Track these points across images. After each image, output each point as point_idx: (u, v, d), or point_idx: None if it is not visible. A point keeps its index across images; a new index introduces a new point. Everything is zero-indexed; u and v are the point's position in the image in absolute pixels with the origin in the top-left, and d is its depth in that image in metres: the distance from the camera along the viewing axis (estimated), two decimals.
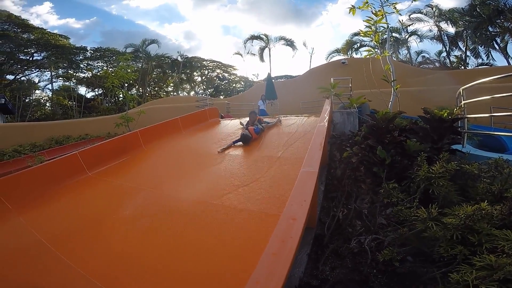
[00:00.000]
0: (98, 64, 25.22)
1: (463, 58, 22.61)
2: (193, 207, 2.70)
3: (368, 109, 5.86)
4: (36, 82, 23.14)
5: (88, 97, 25.17)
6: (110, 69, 23.37)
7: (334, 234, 2.27)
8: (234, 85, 35.31)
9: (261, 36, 24.41)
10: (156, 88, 30.06)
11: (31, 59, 21.55)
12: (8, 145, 7.61)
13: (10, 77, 21.00)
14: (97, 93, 25.79)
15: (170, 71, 28.86)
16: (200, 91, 31.97)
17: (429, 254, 2.07)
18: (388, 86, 5.21)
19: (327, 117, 3.94)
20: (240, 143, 4.67)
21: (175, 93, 29.78)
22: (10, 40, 19.36)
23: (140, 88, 25.54)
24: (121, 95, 24.06)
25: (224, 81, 34.65)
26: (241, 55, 27.11)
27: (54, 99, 20.82)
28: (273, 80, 12.85)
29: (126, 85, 20.28)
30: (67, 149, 6.79)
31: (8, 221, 3.04)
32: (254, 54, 26.15)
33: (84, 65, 24.22)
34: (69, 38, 23.82)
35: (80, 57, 23.86)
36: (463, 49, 22.33)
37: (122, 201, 3.15)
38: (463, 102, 3.84)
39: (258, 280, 1.21)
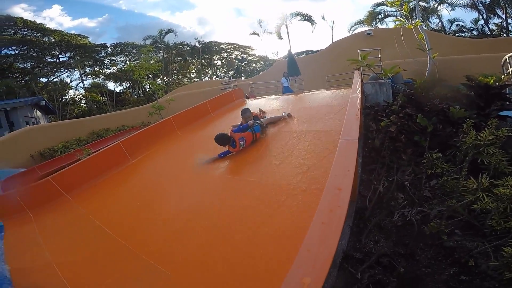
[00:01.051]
0: (121, 58, 26.23)
1: (505, 25, 19.91)
2: (232, 183, 2.81)
3: (402, 79, 5.52)
4: (68, 82, 24.77)
5: (117, 91, 26.45)
6: (133, 62, 24.22)
7: (375, 208, 2.24)
8: (254, 65, 34.90)
9: (275, 14, 23.43)
10: (179, 76, 30.70)
11: (57, 60, 22.98)
12: (57, 142, 8.43)
13: (44, 79, 22.71)
14: (124, 86, 27.00)
15: (190, 58, 29.21)
16: (221, 75, 32.11)
17: (479, 227, 1.98)
18: (421, 55, 4.86)
19: (359, 88, 3.76)
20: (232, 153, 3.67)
21: (197, 79, 30.22)
22: (33, 44, 20.66)
23: (165, 78, 26.22)
24: (147, 86, 25.08)
25: (244, 62, 34.36)
26: (257, 34, 26.34)
27: (87, 96, 22.25)
28: (294, 57, 12.41)
29: (150, 76, 20.92)
30: (108, 140, 7.34)
31: (70, 211, 3.43)
32: (271, 33, 25.24)
33: (107, 61, 25.31)
34: (87, 37, 24.93)
35: (103, 54, 24.91)
36: (503, 16, 19.65)
37: (168, 183, 3.37)
38: (510, 69, 3.51)
39: (309, 248, 1.25)
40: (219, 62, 33.40)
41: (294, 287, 1.10)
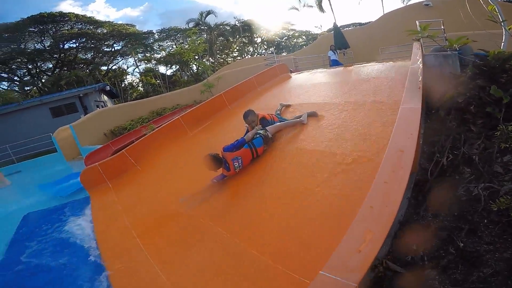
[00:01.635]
0: (167, 43, 27.84)
1: None
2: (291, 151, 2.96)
3: (472, 50, 4.89)
4: (126, 68, 27.29)
5: (168, 74, 28.27)
6: (178, 46, 25.60)
7: (437, 181, 2.16)
8: (295, 40, 33.62)
9: None
10: (222, 56, 31.30)
11: (113, 49, 25.33)
12: (123, 121, 9.66)
13: (104, 68, 25.35)
14: (174, 69, 28.69)
15: (231, 38, 29.45)
16: (262, 52, 31.75)
17: None
18: (493, 28, 4.22)
19: (420, 59, 3.48)
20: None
21: (239, 58, 30.44)
22: (89, 36, 23.05)
23: (210, 58, 27.02)
24: (194, 67, 26.48)
25: (284, 38, 33.32)
26: (297, 9, 24.84)
27: (143, 80, 24.35)
28: (340, 29, 11.65)
29: (196, 57, 21.80)
30: (167, 117, 8.13)
31: (140, 180, 4.02)
32: (311, 6, 23.50)
33: (156, 46, 27.09)
34: (134, 26, 27.01)
35: (151, 40, 26.71)
36: None
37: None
38: None
39: (372, 205, 1.34)
40: (259, 39, 32.93)
41: (356, 241, 1.22)
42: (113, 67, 26.21)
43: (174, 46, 27.15)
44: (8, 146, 10.69)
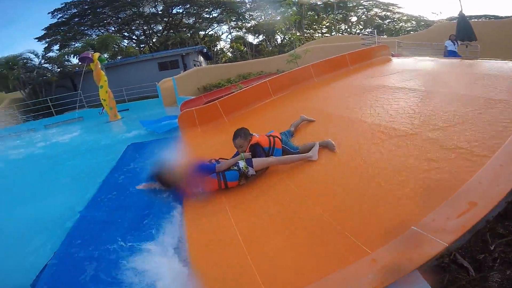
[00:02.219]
0: (257, 13, 28.37)
1: None
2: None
3: None
4: (220, 34, 29.32)
5: (255, 43, 29.20)
6: (267, 17, 26.04)
7: None
8: (401, 24, 29.16)
9: None
10: (310, 30, 30.03)
11: (211, 16, 27.31)
12: (214, 80, 10.74)
13: (201, 33, 27.81)
14: (260, 39, 29.38)
15: (323, 14, 27.86)
16: (356, 31, 28.92)
17: None
18: None
19: None
20: None
21: (327, 34, 28.76)
22: (193, 3, 25.23)
23: (297, 31, 26.43)
24: (279, 39, 26.71)
25: (387, 20, 29.24)
26: None
27: (233, 46, 25.87)
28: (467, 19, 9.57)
29: (283, 29, 21.68)
30: (252, 81, 8.64)
31: (225, 130, 4.44)
32: None
33: (247, 16, 28.02)
34: None
35: (243, 9, 27.60)
36: None
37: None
38: None
39: (481, 181, 1.22)
40: (354, 18, 29.96)
41: (456, 208, 1.15)
42: (210, 33, 28.57)
43: (263, 17, 27.57)
44: (124, 88, 13.37)
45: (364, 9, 29.31)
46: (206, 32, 28.10)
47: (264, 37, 27.43)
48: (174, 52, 17.68)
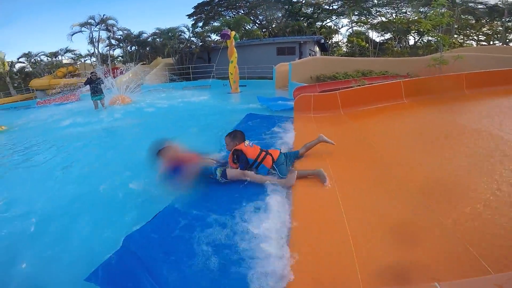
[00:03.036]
0: (386, 10, 25.09)
1: None
2: None
3: None
4: (340, 27, 27.87)
5: (377, 41, 26.39)
6: (399, 15, 23.22)
7: None
8: None
9: None
10: (460, 36, 24.40)
11: (331, 8, 25.88)
12: (328, 71, 10.51)
13: (318, 23, 27.00)
14: (386, 37, 26.28)
15: (485, 19, 21.87)
16: None
17: None
18: None
19: None
20: None
21: (484, 43, 22.79)
22: None
23: (444, 35, 22.08)
24: (411, 40, 23.38)
25: None
26: None
27: (353, 40, 24.26)
28: None
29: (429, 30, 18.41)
30: (372, 79, 7.94)
31: (340, 123, 4.35)
32: None
33: (374, 11, 25.22)
34: None
35: (370, 4, 24.90)
36: None
37: (439, 133, 3.26)
38: None
39: None
40: None
41: None
42: (328, 24, 27.68)
43: (394, 15, 24.55)
44: (246, 67, 14.88)
45: None
46: (323, 23, 27.39)
47: (392, 35, 24.40)
48: (293, 39, 18.14)
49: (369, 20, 25.70)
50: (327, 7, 26.33)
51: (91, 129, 6.37)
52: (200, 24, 24.80)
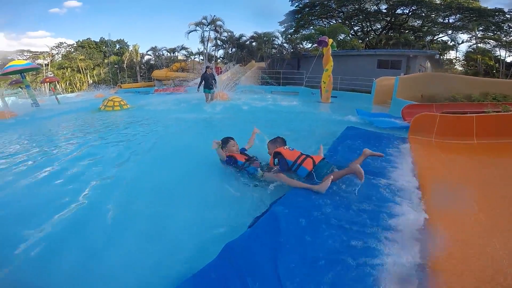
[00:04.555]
0: None
1: None
2: None
3: None
4: (458, 43, 23.34)
5: (508, 61, 21.15)
6: None
7: None
8: None
9: None
10: None
11: (446, 21, 21.79)
12: (445, 92, 8.81)
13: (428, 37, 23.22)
14: None
15: None
16: None
17: None
18: None
19: None
20: None
21: None
22: (422, 5, 20.80)
23: None
24: None
25: None
26: None
27: (478, 58, 20.03)
28: None
29: None
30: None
31: (471, 154, 3.48)
32: None
33: (506, 27, 19.96)
34: (478, 0, 20.53)
35: (499, 19, 19.74)
36: None
37: None
38: None
39: None
40: None
41: None
42: (442, 38, 23.76)
43: None
44: (340, 77, 14.17)
45: None
46: (434, 38, 23.61)
47: None
48: (400, 52, 16.29)
49: (501, 37, 20.87)
50: (441, 21, 22.75)
51: (195, 117, 7.29)
52: (291, 31, 25.19)
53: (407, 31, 23.89)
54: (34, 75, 25.85)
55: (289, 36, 23.28)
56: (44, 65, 27.24)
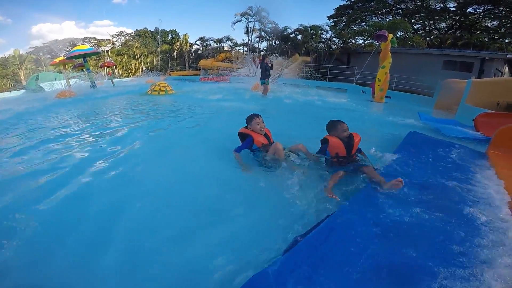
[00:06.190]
0: None
1: None
2: None
3: None
4: None
5: None
6: None
7: None
8: None
9: None
10: None
11: None
12: None
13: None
14: None
15: None
16: None
17: None
18: None
19: None
20: None
21: None
22: (502, 3, 17.42)
23: None
24: None
25: None
26: None
27: None
28: None
29: None
30: None
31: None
32: None
33: None
34: None
35: None
36: None
37: None
38: None
39: None
40: None
41: None
42: None
43: None
44: (396, 76, 12.80)
45: None
46: None
47: None
48: (472, 53, 14.11)
49: None
50: None
51: (234, 105, 7.43)
52: (340, 26, 23.51)
53: (478, 32, 20.75)
54: (97, 59, 28.56)
55: (340, 30, 21.86)
56: (105, 52, 29.93)
